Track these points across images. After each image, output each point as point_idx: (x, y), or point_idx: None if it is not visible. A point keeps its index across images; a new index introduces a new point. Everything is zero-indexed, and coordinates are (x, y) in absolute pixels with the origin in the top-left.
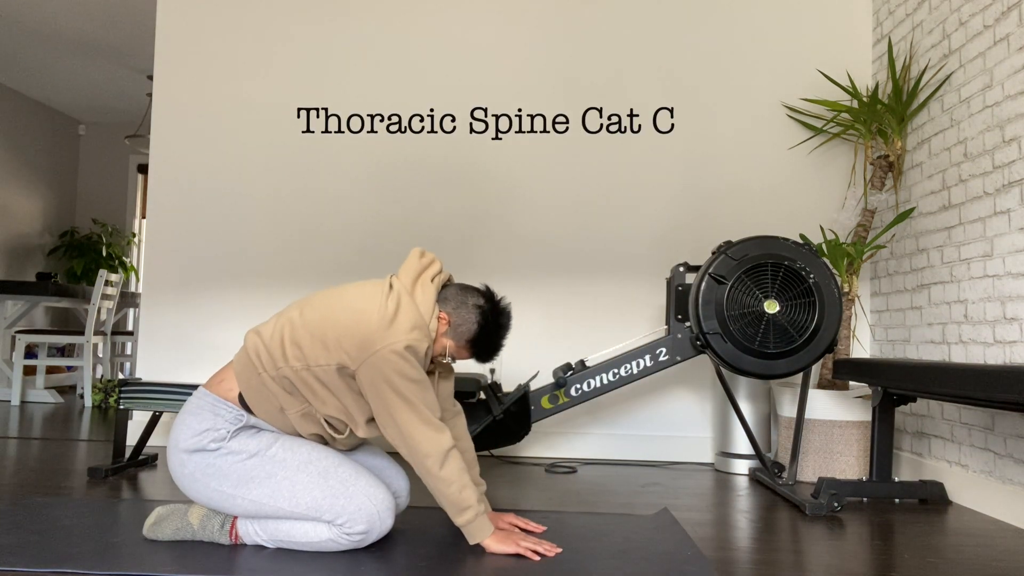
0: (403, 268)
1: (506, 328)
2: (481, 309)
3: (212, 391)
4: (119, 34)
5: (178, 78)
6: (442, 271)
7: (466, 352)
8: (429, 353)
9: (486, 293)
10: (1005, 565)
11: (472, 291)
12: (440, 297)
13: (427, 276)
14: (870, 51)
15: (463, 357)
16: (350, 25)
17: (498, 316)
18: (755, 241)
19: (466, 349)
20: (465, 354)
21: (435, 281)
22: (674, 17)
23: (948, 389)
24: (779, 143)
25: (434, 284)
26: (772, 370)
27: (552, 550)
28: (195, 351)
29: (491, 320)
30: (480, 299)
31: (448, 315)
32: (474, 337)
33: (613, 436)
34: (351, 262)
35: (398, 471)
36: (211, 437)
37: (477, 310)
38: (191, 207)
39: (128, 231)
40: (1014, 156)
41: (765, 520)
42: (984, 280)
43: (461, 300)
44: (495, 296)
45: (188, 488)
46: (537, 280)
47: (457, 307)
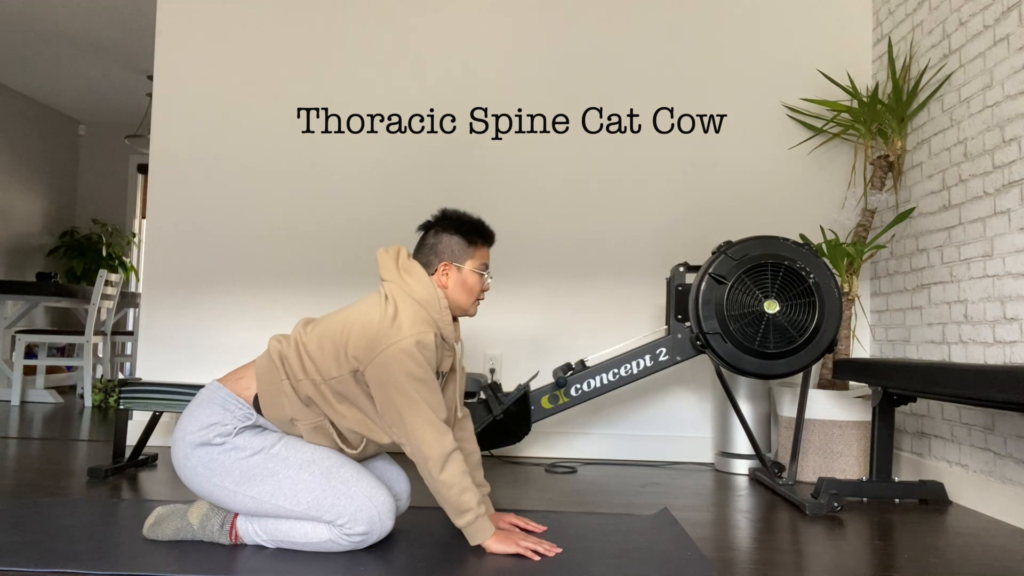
0: (382, 270)
1: (463, 212)
2: (440, 225)
3: (227, 386)
4: (119, 34)
5: (178, 78)
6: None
7: (477, 256)
8: (439, 342)
9: (424, 224)
10: (1005, 565)
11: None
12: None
13: (403, 260)
14: (870, 51)
15: (482, 264)
16: (350, 25)
17: (451, 213)
18: (755, 241)
19: (472, 255)
20: (479, 259)
21: (411, 259)
22: (674, 17)
23: (948, 389)
24: (779, 143)
25: (412, 261)
26: (772, 370)
27: (552, 550)
28: (195, 351)
29: (452, 218)
30: (428, 228)
31: (440, 261)
32: (465, 238)
33: (613, 436)
34: (351, 262)
35: (399, 473)
36: (217, 431)
37: (441, 230)
38: (191, 207)
39: (128, 231)
40: (1014, 156)
41: (765, 520)
42: (984, 280)
43: (428, 244)
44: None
45: (190, 481)
46: (537, 280)
47: (433, 248)
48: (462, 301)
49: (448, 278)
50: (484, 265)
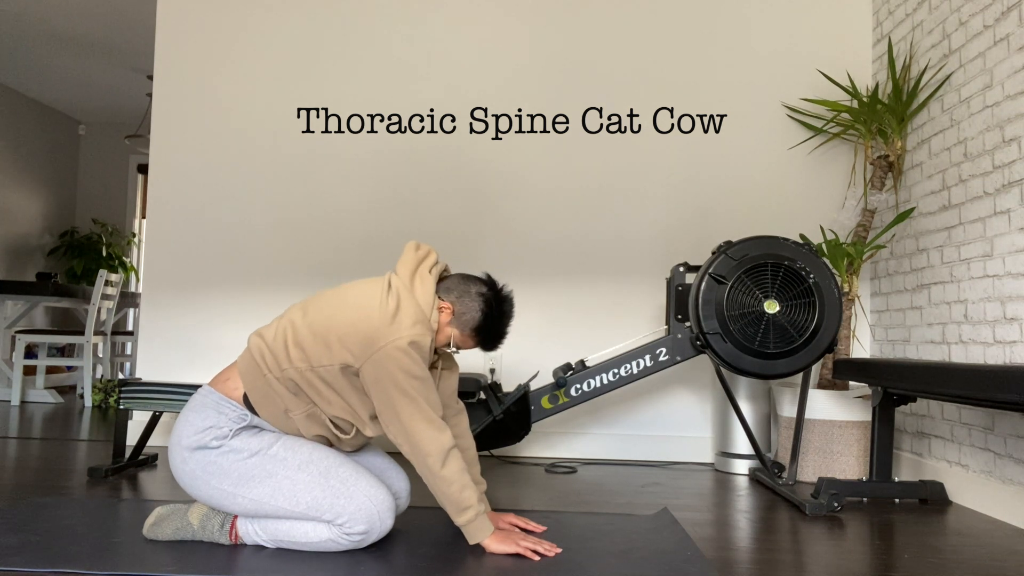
0: (400, 262)
1: (509, 315)
2: (484, 297)
3: (217, 389)
4: (119, 34)
5: (178, 78)
6: (439, 262)
7: (472, 341)
8: (432, 346)
9: (488, 281)
10: (1005, 565)
11: (474, 280)
12: (442, 288)
13: (424, 268)
14: (870, 51)
15: (468, 346)
16: (350, 25)
17: (501, 303)
18: (755, 241)
19: (471, 338)
20: (471, 343)
21: (433, 272)
22: (674, 17)
23: (948, 389)
24: (779, 143)
25: (432, 275)
26: (772, 370)
27: (552, 550)
28: (195, 351)
29: (495, 307)
30: (483, 287)
31: (452, 304)
32: (479, 325)
33: (613, 436)
34: (351, 261)
35: (399, 472)
36: (213, 435)
37: (480, 298)
38: (191, 207)
39: (128, 231)
40: (1014, 156)
41: (765, 520)
42: (984, 280)
43: (464, 289)
44: (497, 283)
45: (189, 485)
46: (537, 280)
47: (460, 296)
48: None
49: (440, 316)
50: (459, 347)
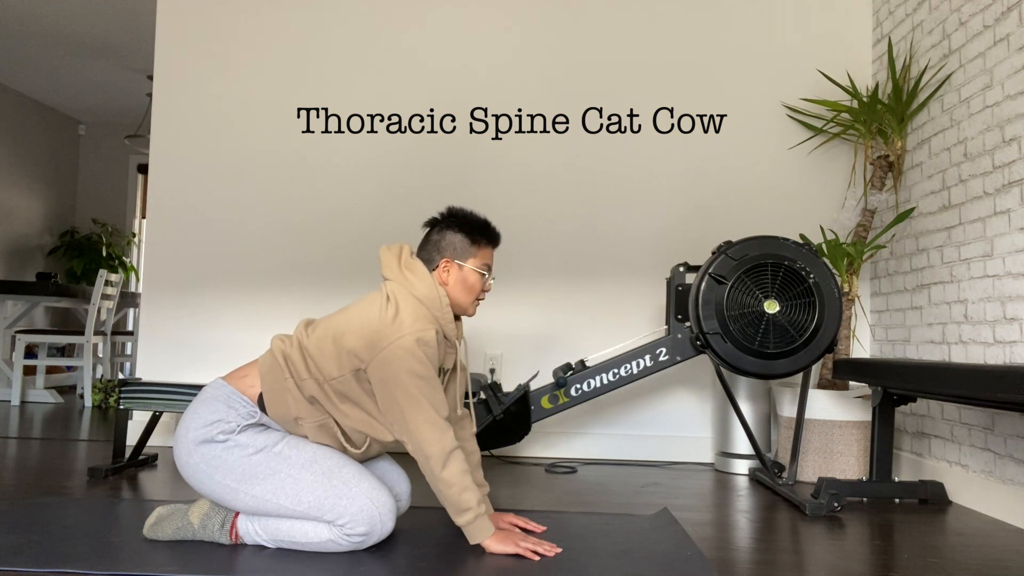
0: (384, 268)
1: (471, 212)
2: (443, 223)
3: (232, 384)
4: (119, 34)
5: (178, 78)
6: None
7: (480, 256)
8: (440, 341)
9: (432, 219)
10: (1005, 565)
11: (426, 235)
12: (424, 260)
13: (405, 257)
14: (870, 51)
15: (486, 266)
16: (350, 25)
17: (455, 212)
18: (755, 241)
19: (476, 253)
20: (482, 258)
21: (414, 256)
22: (674, 17)
23: (948, 389)
24: (779, 143)
25: (415, 259)
26: (772, 370)
27: (552, 550)
28: (195, 351)
29: (457, 216)
30: (434, 223)
31: (442, 258)
32: (469, 237)
33: (613, 436)
34: (351, 261)
35: (400, 474)
36: (220, 428)
37: (445, 227)
38: (191, 207)
39: (128, 231)
40: (1014, 156)
41: (765, 520)
42: (984, 280)
43: (431, 241)
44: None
45: (192, 478)
46: (537, 280)
47: (436, 245)
48: (461, 300)
49: (449, 275)
50: (486, 266)
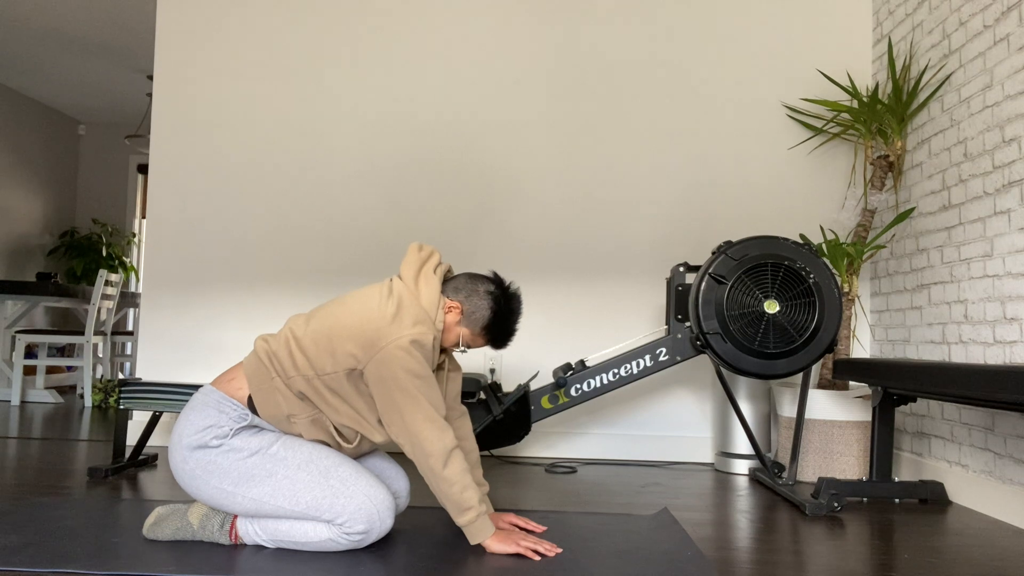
0: (404, 264)
1: (518, 312)
2: (493, 295)
3: (220, 388)
4: (119, 34)
5: (178, 78)
6: (442, 262)
7: (481, 340)
8: (436, 346)
9: (495, 279)
10: (1005, 565)
11: (481, 279)
12: (450, 287)
13: (428, 268)
14: (870, 51)
15: (478, 345)
16: (350, 26)
17: (510, 301)
18: (755, 241)
19: (481, 336)
20: (481, 341)
21: (437, 272)
22: (674, 17)
23: (948, 389)
24: (779, 143)
25: (437, 275)
26: (772, 370)
27: (552, 550)
28: (195, 351)
29: (504, 305)
30: (491, 285)
31: (460, 304)
32: (488, 324)
33: (613, 436)
34: (351, 261)
35: (398, 471)
36: (214, 434)
37: (489, 296)
38: (191, 207)
39: (128, 231)
40: (1014, 156)
41: (765, 520)
42: (984, 280)
43: (472, 288)
44: (504, 281)
45: (189, 485)
46: (537, 280)
47: (469, 295)
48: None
49: (448, 317)
50: (469, 346)
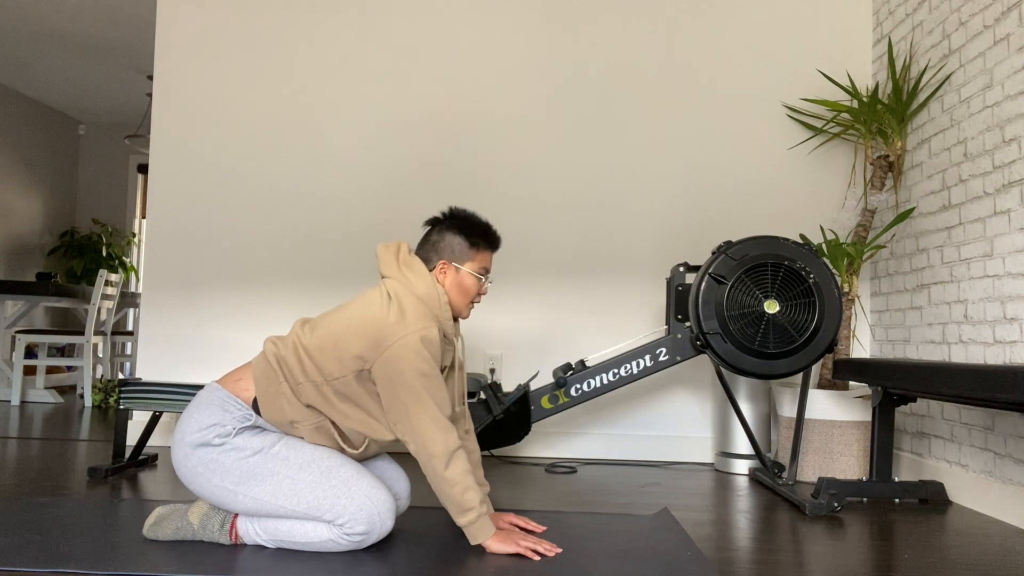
0: (382, 265)
1: (470, 211)
2: (443, 224)
3: (226, 387)
4: (119, 34)
5: (178, 78)
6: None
7: (480, 256)
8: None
9: (433, 219)
10: (1005, 565)
11: (425, 233)
12: (423, 258)
13: (404, 255)
14: (870, 51)
15: (486, 263)
16: (350, 26)
17: (455, 213)
18: (755, 241)
19: (476, 255)
20: (481, 258)
21: (411, 254)
22: (674, 16)
23: (948, 389)
24: (779, 143)
25: (413, 256)
26: (772, 370)
27: (552, 550)
28: (195, 351)
29: (457, 219)
30: (435, 223)
31: (442, 259)
32: (468, 240)
33: (613, 436)
34: (350, 262)
35: (399, 472)
36: (216, 432)
37: (443, 228)
38: (191, 207)
39: (128, 231)
40: (1014, 156)
41: (765, 520)
42: (984, 280)
43: (430, 242)
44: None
45: (190, 482)
46: (537, 280)
47: (435, 246)
48: (456, 302)
49: (445, 277)
50: (484, 269)
